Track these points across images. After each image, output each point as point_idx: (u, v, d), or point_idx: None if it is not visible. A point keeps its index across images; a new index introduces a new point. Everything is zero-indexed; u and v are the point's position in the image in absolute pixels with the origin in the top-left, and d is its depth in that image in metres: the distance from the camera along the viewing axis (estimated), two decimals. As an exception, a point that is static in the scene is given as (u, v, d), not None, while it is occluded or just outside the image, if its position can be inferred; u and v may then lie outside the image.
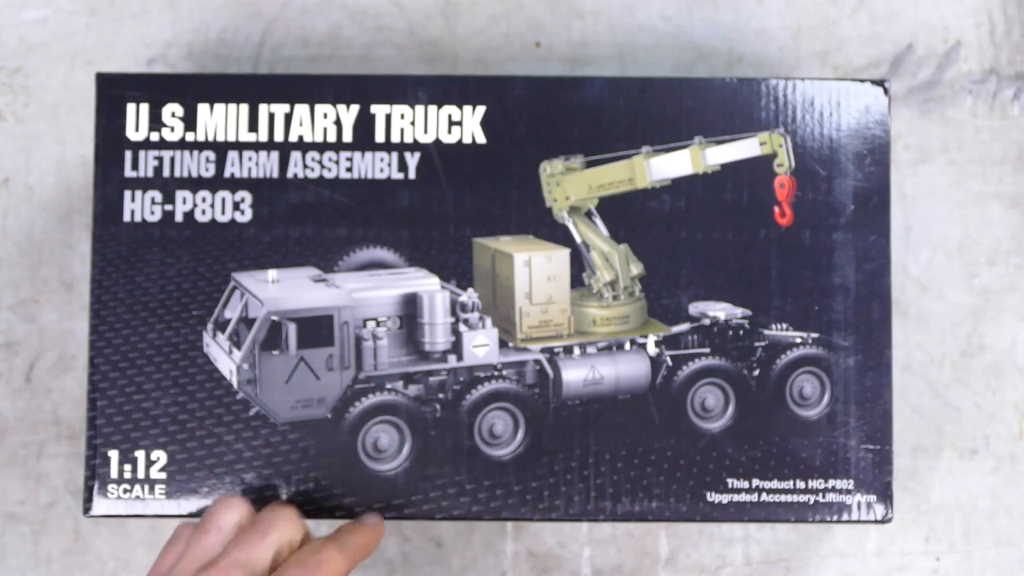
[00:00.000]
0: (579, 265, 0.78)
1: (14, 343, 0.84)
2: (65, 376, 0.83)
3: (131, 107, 0.77)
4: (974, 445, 0.83)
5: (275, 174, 0.77)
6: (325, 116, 0.77)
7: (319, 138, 0.77)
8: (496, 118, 0.77)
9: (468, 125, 0.77)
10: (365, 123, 0.77)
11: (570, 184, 0.77)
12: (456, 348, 0.77)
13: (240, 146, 0.77)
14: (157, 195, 0.77)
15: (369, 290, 0.76)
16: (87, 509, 0.75)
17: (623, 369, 0.77)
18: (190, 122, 0.77)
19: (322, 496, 0.75)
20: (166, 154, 0.77)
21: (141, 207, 0.76)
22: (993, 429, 0.84)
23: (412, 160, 0.77)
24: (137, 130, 0.77)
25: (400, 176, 0.77)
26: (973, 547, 0.83)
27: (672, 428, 0.76)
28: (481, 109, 0.77)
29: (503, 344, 0.78)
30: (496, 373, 0.77)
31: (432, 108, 0.77)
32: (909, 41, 0.86)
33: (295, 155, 0.77)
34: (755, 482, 0.76)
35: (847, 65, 0.86)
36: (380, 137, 0.77)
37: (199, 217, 0.77)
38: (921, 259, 0.84)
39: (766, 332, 0.77)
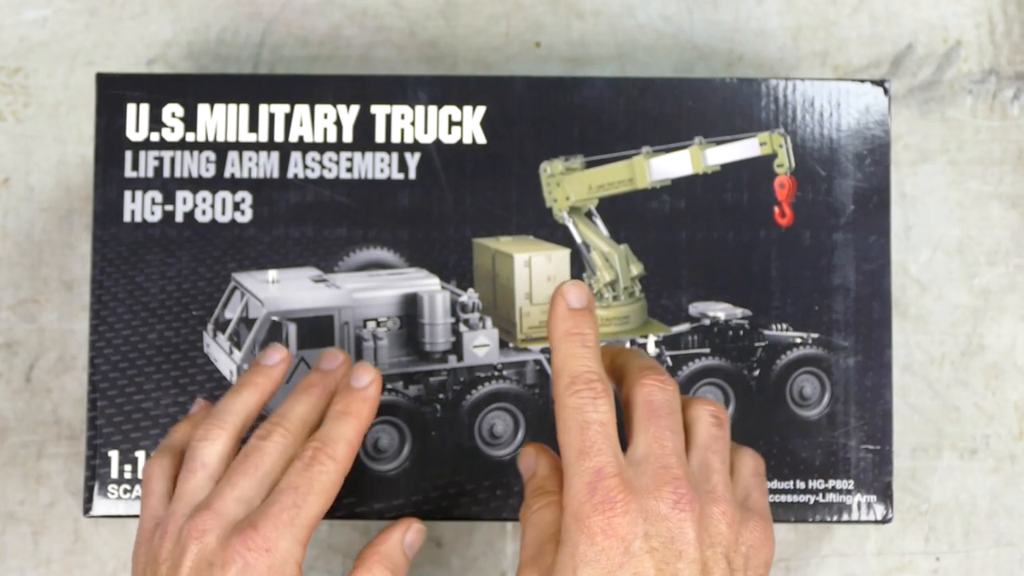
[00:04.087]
0: (579, 265, 0.78)
1: (14, 343, 0.84)
2: (65, 376, 0.83)
3: (131, 107, 0.77)
4: (974, 445, 0.83)
5: (275, 174, 0.77)
6: (325, 116, 0.77)
7: (319, 138, 0.77)
8: (496, 118, 0.77)
9: (468, 125, 0.77)
10: (365, 123, 0.77)
11: (570, 184, 0.77)
12: (456, 348, 0.77)
13: (240, 146, 0.77)
14: (157, 195, 0.77)
15: (369, 290, 0.76)
16: (87, 509, 0.75)
17: (623, 369, 0.77)
18: (190, 122, 0.77)
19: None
20: (166, 154, 0.77)
21: (141, 207, 0.76)
22: (993, 429, 0.84)
23: (412, 160, 0.77)
24: (137, 130, 0.77)
25: (400, 176, 0.77)
26: (973, 547, 0.83)
27: (672, 428, 0.76)
28: (481, 109, 0.77)
29: (503, 344, 0.78)
30: (496, 373, 0.77)
31: (432, 108, 0.77)
32: (909, 41, 0.86)
33: (295, 155, 0.77)
34: (755, 482, 0.75)
35: (847, 65, 0.86)
36: (380, 137, 0.77)
37: (199, 217, 0.77)
38: (921, 259, 0.84)
39: (766, 332, 0.77)
